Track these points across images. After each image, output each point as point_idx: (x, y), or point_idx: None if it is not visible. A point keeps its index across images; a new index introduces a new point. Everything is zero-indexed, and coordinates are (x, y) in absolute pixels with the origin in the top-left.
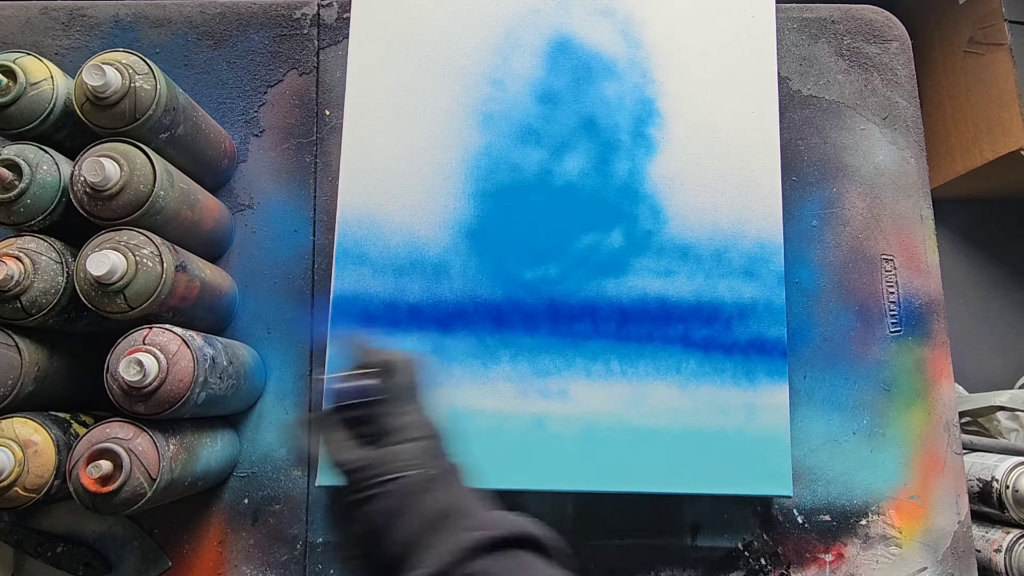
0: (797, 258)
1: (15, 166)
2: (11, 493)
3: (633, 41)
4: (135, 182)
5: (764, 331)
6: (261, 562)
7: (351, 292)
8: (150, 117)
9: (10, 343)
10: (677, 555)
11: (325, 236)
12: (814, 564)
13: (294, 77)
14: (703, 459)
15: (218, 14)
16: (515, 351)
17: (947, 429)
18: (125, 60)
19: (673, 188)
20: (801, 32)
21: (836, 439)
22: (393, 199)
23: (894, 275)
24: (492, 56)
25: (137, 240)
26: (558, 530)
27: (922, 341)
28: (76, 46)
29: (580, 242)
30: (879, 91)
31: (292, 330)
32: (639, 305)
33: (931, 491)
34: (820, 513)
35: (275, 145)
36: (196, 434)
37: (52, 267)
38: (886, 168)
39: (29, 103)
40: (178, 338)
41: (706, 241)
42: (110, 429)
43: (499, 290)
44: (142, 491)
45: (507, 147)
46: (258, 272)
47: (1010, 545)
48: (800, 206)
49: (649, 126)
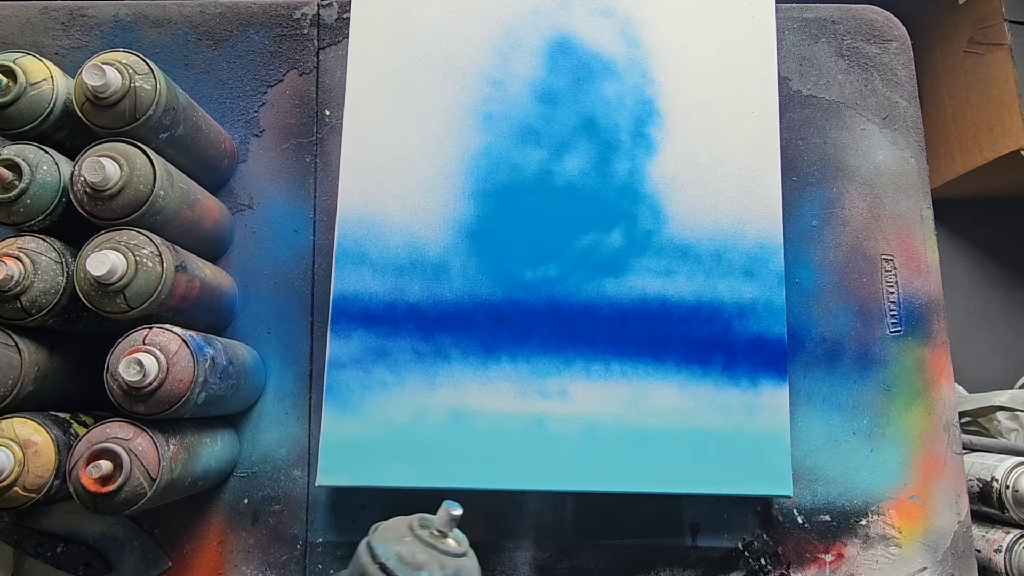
0: (797, 258)
1: (15, 166)
2: (11, 493)
3: (633, 41)
4: (135, 182)
5: (764, 331)
6: (261, 562)
7: (351, 292)
8: (150, 117)
9: (10, 343)
10: (677, 555)
11: (325, 236)
12: (814, 564)
13: (294, 77)
14: (703, 459)
15: (218, 14)
16: (515, 351)
17: (947, 429)
18: (125, 60)
19: (673, 188)
20: (801, 32)
21: (836, 439)
22: (393, 199)
23: (894, 275)
24: (492, 56)
25: (137, 240)
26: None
27: (922, 341)
28: (76, 46)
29: (580, 242)
30: (879, 91)
31: (292, 330)
32: (639, 305)
33: (931, 491)
34: (820, 513)
35: (275, 145)
36: (196, 434)
37: (52, 267)
38: (886, 168)
39: (29, 103)
40: (178, 338)
41: (706, 241)
42: (110, 429)
43: (499, 290)
44: (142, 491)
45: (507, 147)
46: (258, 272)
47: (1010, 545)
48: (800, 206)
49: (649, 126)
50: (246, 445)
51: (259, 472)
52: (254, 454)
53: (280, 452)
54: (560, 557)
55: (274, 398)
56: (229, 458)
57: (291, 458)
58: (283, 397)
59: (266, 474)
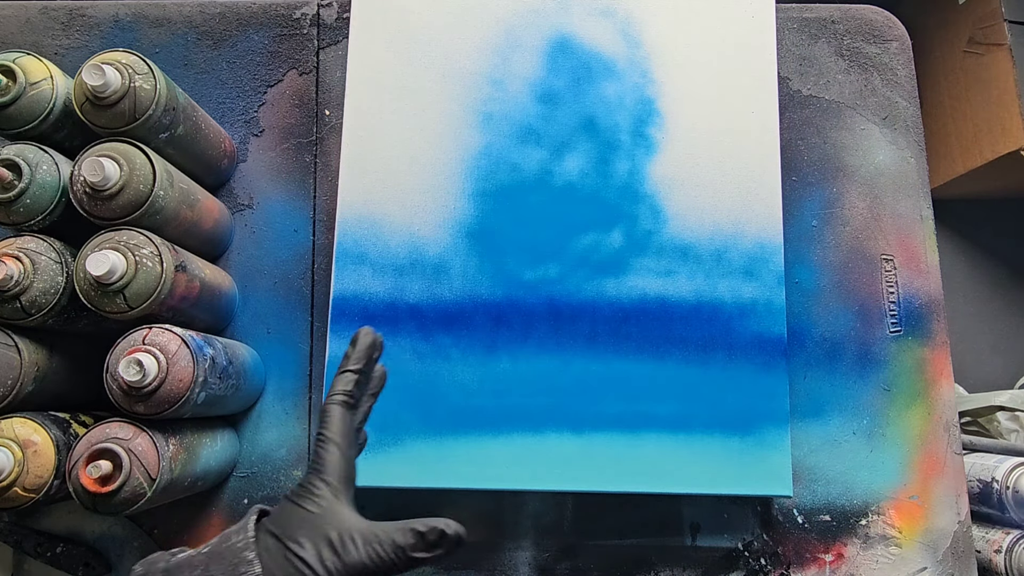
0: (797, 258)
1: (15, 166)
2: (11, 493)
3: (633, 41)
4: (135, 182)
5: (764, 331)
6: None
7: (351, 292)
8: (150, 117)
9: (10, 343)
10: (677, 555)
11: (325, 236)
12: (814, 564)
13: (294, 77)
14: (703, 460)
15: (218, 14)
16: (515, 351)
17: (947, 429)
18: (125, 60)
19: (673, 188)
20: (801, 32)
21: (836, 439)
22: (393, 199)
23: (894, 275)
24: (492, 56)
25: (137, 240)
26: (558, 530)
27: (922, 341)
28: (76, 46)
29: (580, 242)
30: (879, 91)
31: (292, 330)
32: (639, 305)
33: (931, 491)
34: (820, 513)
35: (275, 145)
36: (196, 434)
37: (52, 267)
38: (886, 168)
39: (29, 103)
40: (178, 338)
41: (706, 241)
42: (110, 429)
43: (499, 290)
44: (142, 491)
45: (507, 147)
46: (258, 272)
47: (1010, 546)
48: (800, 206)
49: (649, 126)
50: (246, 445)
51: (259, 472)
52: (254, 454)
53: (280, 452)
54: (560, 557)
55: (274, 398)
56: (229, 458)
57: (291, 458)
58: (283, 397)
59: (266, 474)
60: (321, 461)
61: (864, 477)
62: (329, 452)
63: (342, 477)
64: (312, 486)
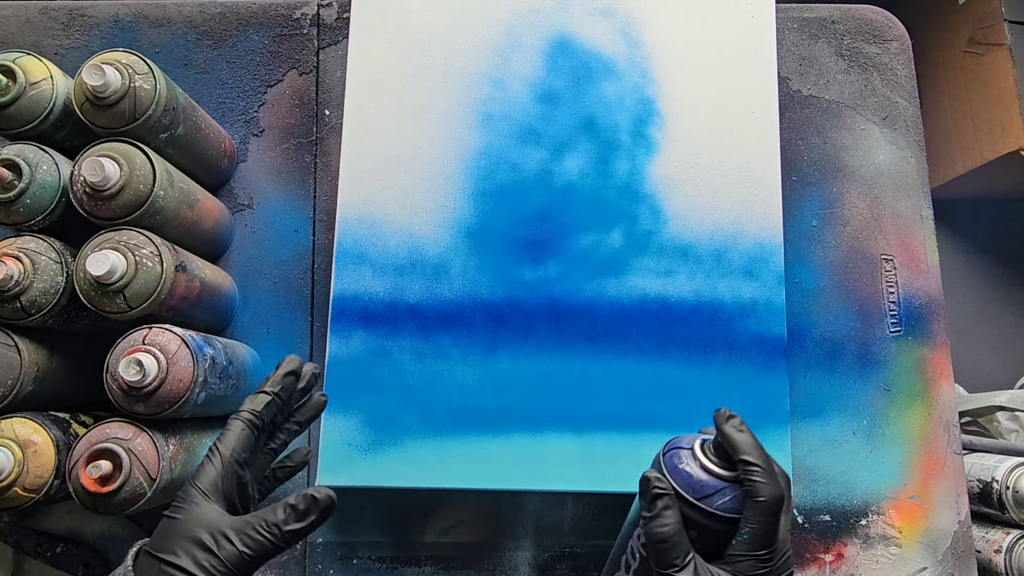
0: (797, 258)
1: (15, 166)
2: (11, 493)
3: (633, 41)
4: (135, 182)
5: (764, 331)
6: None
7: (351, 292)
8: (150, 117)
9: (10, 343)
10: None
11: (325, 236)
12: (814, 564)
13: (294, 77)
14: None
15: (218, 14)
16: (515, 351)
17: (947, 429)
18: (125, 60)
19: (673, 188)
20: (801, 32)
21: (836, 439)
22: (393, 199)
23: (894, 275)
24: (492, 56)
25: (137, 240)
26: (558, 530)
27: (922, 341)
28: (76, 46)
29: (580, 242)
30: (879, 91)
31: (292, 330)
32: (639, 305)
33: (931, 491)
34: (820, 513)
35: (275, 145)
36: (196, 434)
37: (52, 267)
38: (886, 168)
39: (29, 103)
40: (178, 338)
41: (706, 241)
42: (110, 429)
43: (499, 290)
44: (142, 491)
45: (507, 147)
46: (258, 272)
47: (1010, 546)
48: (800, 206)
49: (649, 126)
50: None
51: None
52: None
53: None
54: (560, 557)
55: None
56: None
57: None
58: None
59: None
60: (199, 470)
61: (864, 477)
62: (210, 462)
63: (214, 486)
64: (182, 494)
